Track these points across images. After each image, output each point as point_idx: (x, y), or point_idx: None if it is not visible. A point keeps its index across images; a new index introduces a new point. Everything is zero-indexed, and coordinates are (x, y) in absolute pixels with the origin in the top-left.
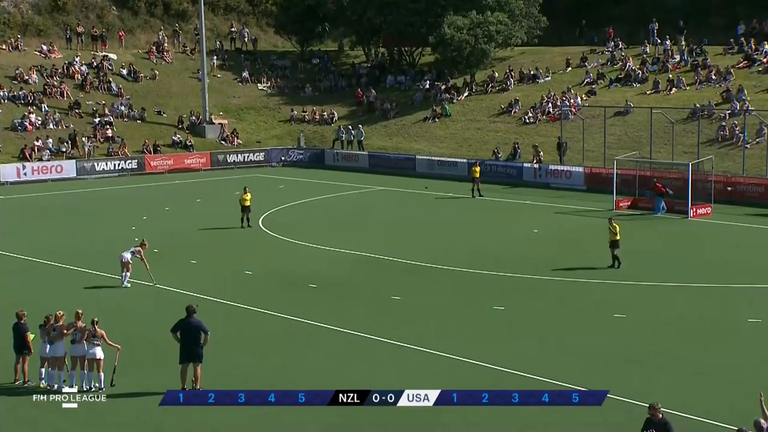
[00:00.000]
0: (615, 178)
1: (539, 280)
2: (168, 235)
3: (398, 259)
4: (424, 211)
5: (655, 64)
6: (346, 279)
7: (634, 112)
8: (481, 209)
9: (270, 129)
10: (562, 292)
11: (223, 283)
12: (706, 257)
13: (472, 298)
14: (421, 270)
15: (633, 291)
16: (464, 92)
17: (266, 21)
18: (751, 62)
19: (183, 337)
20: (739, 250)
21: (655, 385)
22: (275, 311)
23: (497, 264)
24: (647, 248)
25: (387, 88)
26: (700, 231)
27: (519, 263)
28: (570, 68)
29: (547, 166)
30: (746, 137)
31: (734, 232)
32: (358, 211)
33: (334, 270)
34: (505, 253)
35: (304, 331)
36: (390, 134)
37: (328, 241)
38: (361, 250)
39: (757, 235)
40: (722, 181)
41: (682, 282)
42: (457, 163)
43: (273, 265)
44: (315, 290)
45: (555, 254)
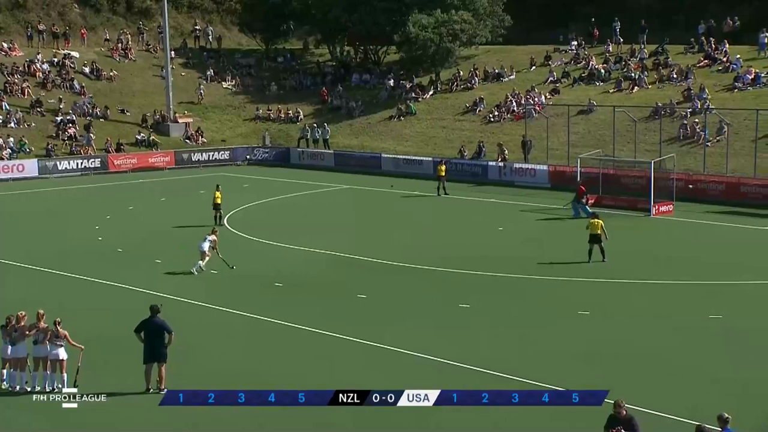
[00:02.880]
0: (579, 176)
1: (504, 277)
2: (132, 235)
3: (364, 258)
4: (390, 210)
5: (618, 63)
6: (312, 278)
7: (598, 110)
8: (446, 207)
9: (235, 127)
10: (527, 290)
11: (188, 282)
12: (669, 255)
13: (438, 296)
14: (387, 268)
15: (597, 288)
16: (429, 91)
17: (230, 19)
18: (712, 61)
19: (147, 337)
20: (701, 248)
21: (617, 381)
22: (240, 310)
23: (463, 262)
24: (610, 246)
25: (352, 87)
26: (663, 229)
27: (484, 261)
28: (534, 67)
29: (512, 164)
30: (707, 135)
31: (696, 229)
32: (324, 209)
33: (300, 269)
34: (471, 252)
35: (270, 331)
36: (355, 133)
37: (294, 240)
38: (327, 249)
39: (718, 233)
40: (684, 179)
41: (645, 279)
42: (423, 161)
43: (238, 264)
44: (281, 289)
45: (520, 252)
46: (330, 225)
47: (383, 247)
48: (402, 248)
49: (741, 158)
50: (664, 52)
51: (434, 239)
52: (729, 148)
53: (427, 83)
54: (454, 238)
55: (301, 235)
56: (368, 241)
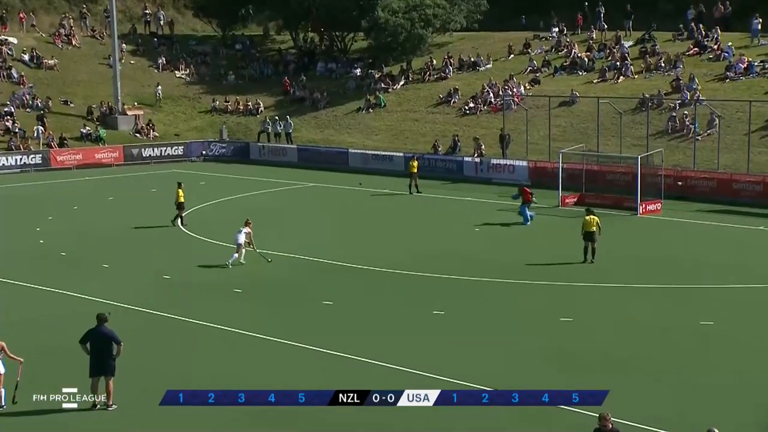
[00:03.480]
0: (561, 173)
1: (481, 281)
2: (77, 237)
3: (330, 261)
4: (358, 209)
5: (602, 51)
6: (274, 283)
7: (581, 102)
8: (419, 206)
9: (189, 120)
10: (505, 295)
11: (138, 288)
12: (656, 256)
13: (410, 301)
14: (355, 272)
15: (580, 293)
16: (400, 81)
17: (184, 2)
18: (702, 49)
19: (93, 348)
20: (691, 249)
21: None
22: (197, 319)
23: (437, 265)
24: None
25: (317, 77)
26: (650, 229)
27: (460, 264)
28: (512, 55)
29: (489, 160)
30: (697, 128)
31: (685, 229)
32: (287, 209)
33: (261, 273)
34: (445, 254)
35: (229, 341)
36: (320, 126)
37: (255, 242)
38: (291, 252)
39: (709, 233)
40: (672, 175)
41: (631, 283)
42: (393, 157)
43: (194, 269)
44: (240, 296)
45: (498, 254)
46: (293, 226)
47: (351, 250)
48: (371, 251)
49: (733, 153)
50: (651, 39)
51: (406, 241)
52: (720, 142)
53: (398, 73)
54: (428, 239)
55: (261, 237)
56: (334, 244)
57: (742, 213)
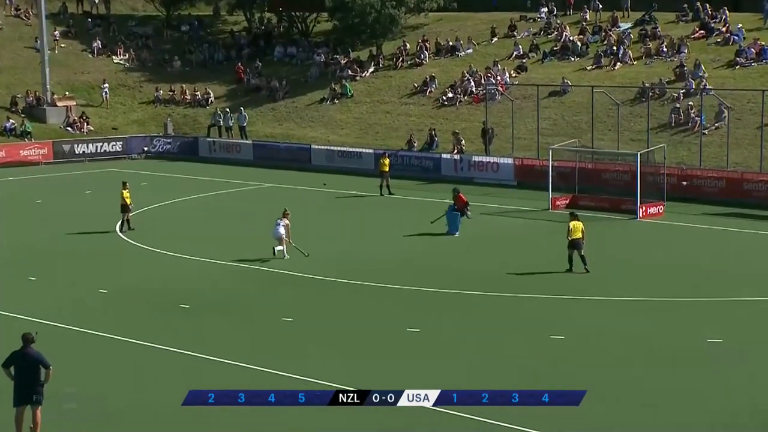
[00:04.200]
0: (551, 172)
1: (462, 294)
2: None
3: (291, 272)
4: (322, 213)
5: (597, 34)
6: (227, 297)
7: (573, 91)
8: (391, 210)
9: (129, 112)
10: (488, 309)
11: (71, 304)
12: (658, 265)
13: (381, 317)
14: (319, 285)
15: (572, 307)
16: (369, 67)
17: None
18: (709, 32)
19: (18, 374)
20: (697, 257)
21: (597, 419)
22: (138, 339)
23: (411, 276)
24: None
25: (274, 63)
26: (651, 234)
27: (438, 275)
28: (496, 38)
29: (469, 157)
30: (704, 121)
31: (691, 234)
32: (241, 213)
33: (212, 286)
34: (421, 263)
35: (175, 363)
36: (279, 119)
37: (205, 251)
38: (245, 262)
39: (717, 239)
40: (676, 174)
41: (630, 296)
42: (362, 153)
43: (134, 282)
44: (188, 312)
45: (481, 264)
46: (248, 232)
47: (314, 259)
48: (337, 260)
49: (744, 149)
50: (651, 20)
51: (376, 248)
52: (730, 136)
53: (367, 58)
54: (401, 247)
55: (212, 244)
56: (296, 252)
57: (754, 216)
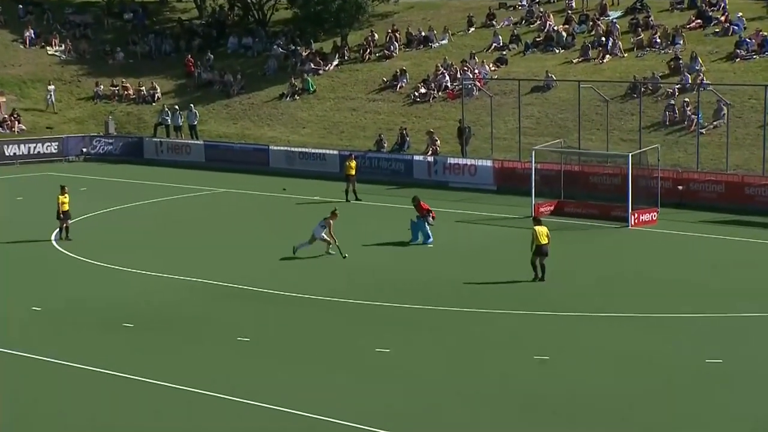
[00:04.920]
0: (534, 175)
1: (436, 311)
2: None
3: (247, 287)
4: (282, 221)
5: (584, 24)
6: (176, 314)
7: (557, 86)
8: (358, 217)
9: (66, 110)
10: (466, 327)
11: (3, 323)
12: (652, 278)
13: (348, 336)
14: (278, 300)
15: (558, 324)
16: (333, 60)
17: None
18: (706, 21)
19: None
20: (694, 269)
21: None
22: (75, 361)
23: (380, 291)
24: (576, 268)
25: (228, 55)
26: (644, 244)
27: (410, 289)
28: (473, 28)
29: (444, 159)
30: (701, 120)
31: (687, 244)
32: (191, 222)
33: (160, 302)
34: (391, 276)
35: (117, 389)
36: (234, 117)
37: (151, 264)
38: (196, 276)
39: (716, 249)
40: (671, 177)
41: (621, 312)
42: (326, 155)
43: (72, 298)
44: (132, 331)
45: (457, 276)
46: (200, 243)
47: (273, 272)
48: (298, 273)
49: (745, 150)
50: (643, 8)
51: (341, 261)
52: (729, 136)
53: (331, 50)
54: (369, 258)
55: (159, 256)
56: (253, 265)
57: (756, 224)
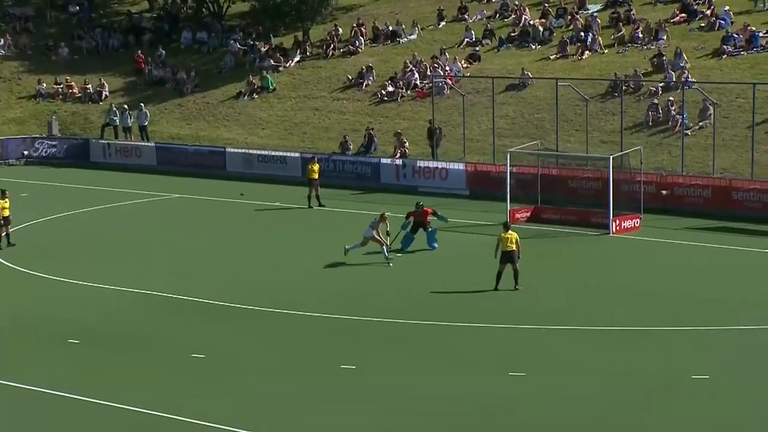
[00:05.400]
0: (509, 179)
1: (405, 324)
2: None
3: (200, 300)
4: (239, 229)
5: (561, 18)
6: (125, 329)
7: (534, 84)
8: (321, 224)
9: (6, 110)
10: (437, 341)
11: None
12: (635, 289)
13: (310, 353)
14: (235, 313)
15: (535, 338)
16: (294, 56)
17: None
18: (691, 16)
19: None
20: (679, 279)
21: None
22: (13, 380)
23: (345, 303)
24: (554, 278)
25: (182, 51)
26: (626, 252)
27: (376, 301)
28: (444, 22)
29: (414, 162)
30: (686, 120)
31: (672, 252)
32: (141, 230)
33: (108, 317)
34: (356, 288)
35: (61, 409)
36: (187, 117)
37: (98, 275)
38: (146, 287)
39: (702, 258)
40: (655, 181)
41: (602, 325)
42: (287, 158)
43: (12, 312)
44: (78, 347)
45: (426, 288)
46: (152, 252)
47: (230, 284)
48: (257, 284)
49: (732, 152)
50: (625, 2)
51: (304, 271)
52: (716, 137)
53: (292, 45)
54: (332, 269)
55: (107, 267)
56: (208, 275)
57: (744, 231)
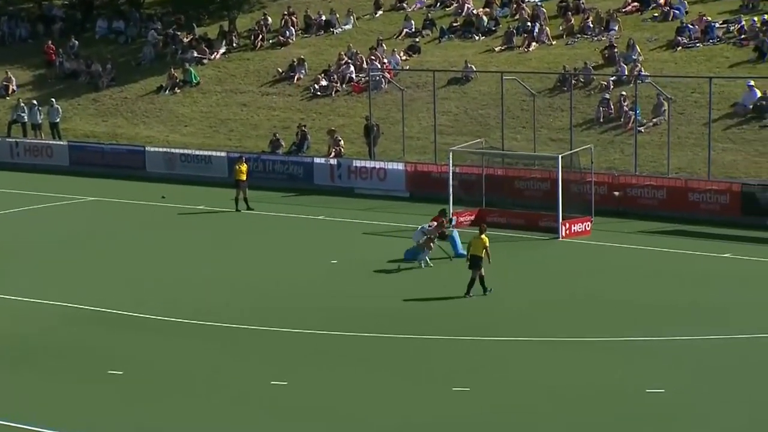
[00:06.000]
0: (451, 180)
1: (342, 336)
2: None
3: (119, 311)
4: (160, 234)
5: (507, 7)
6: (35, 345)
7: (478, 78)
8: (250, 229)
9: None
10: (376, 354)
11: None
12: (586, 297)
13: (238, 368)
14: (157, 326)
15: (479, 350)
16: (220, 48)
17: None
18: (644, 5)
19: None
20: (632, 286)
21: None
22: None
23: (276, 314)
24: (500, 286)
25: (96, 41)
26: (576, 258)
27: (310, 312)
28: (381, 11)
29: (349, 161)
30: (639, 116)
31: (625, 257)
32: (53, 236)
33: (14, 331)
34: (288, 298)
35: None
36: (103, 113)
37: (8, 287)
38: (61, 299)
39: (657, 263)
40: (607, 182)
41: (550, 335)
42: (212, 157)
43: None
44: None
45: (365, 298)
46: (66, 261)
47: (148, 295)
48: (179, 295)
49: (688, 150)
50: None
51: (231, 280)
52: (671, 135)
53: (217, 36)
54: (263, 277)
55: (14, 277)
56: (126, 285)
57: (701, 234)
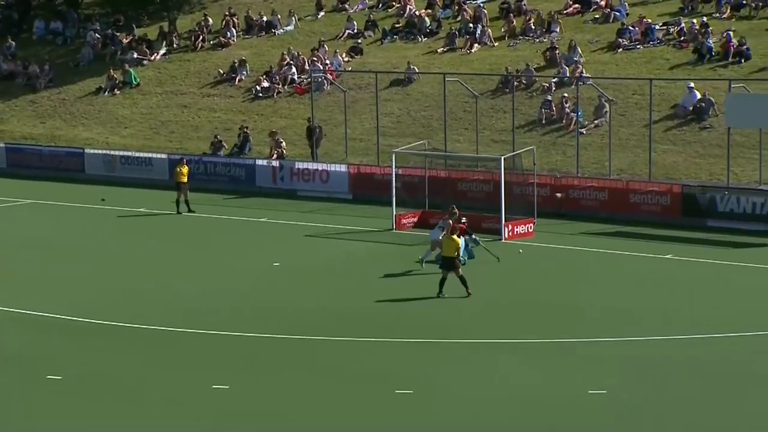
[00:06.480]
0: (394, 182)
1: (285, 340)
2: None
3: (57, 315)
4: (100, 237)
5: (449, 8)
6: None
7: (420, 80)
8: (190, 232)
9: None
10: (320, 358)
11: None
12: (527, 299)
13: (178, 371)
14: (96, 330)
15: (421, 353)
16: (160, 48)
17: None
18: (585, 7)
19: None
20: (575, 287)
21: None
22: None
23: (215, 317)
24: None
25: (34, 42)
26: (520, 259)
27: (250, 315)
28: (323, 12)
29: (291, 163)
30: (581, 118)
31: (567, 259)
32: None
33: None
34: (229, 301)
35: None
36: (41, 114)
37: None
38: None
39: (599, 265)
40: (549, 183)
41: (491, 338)
42: (152, 159)
43: None
44: None
45: (307, 300)
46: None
47: (89, 298)
48: (119, 298)
49: (629, 152)
50: None
51: (171, 283)
52: (612, 137)
53: (157, 37)
54: (203, 280)
55: None
56: (65, 289)
57: (643, 236)
